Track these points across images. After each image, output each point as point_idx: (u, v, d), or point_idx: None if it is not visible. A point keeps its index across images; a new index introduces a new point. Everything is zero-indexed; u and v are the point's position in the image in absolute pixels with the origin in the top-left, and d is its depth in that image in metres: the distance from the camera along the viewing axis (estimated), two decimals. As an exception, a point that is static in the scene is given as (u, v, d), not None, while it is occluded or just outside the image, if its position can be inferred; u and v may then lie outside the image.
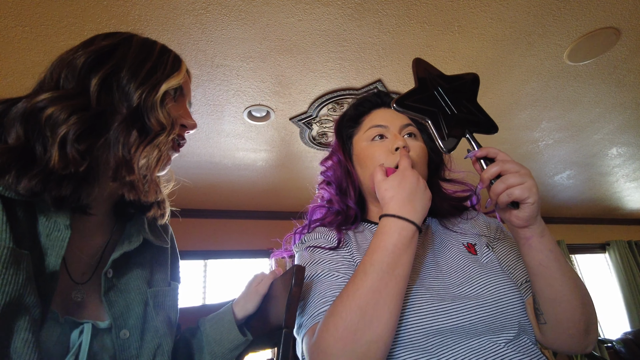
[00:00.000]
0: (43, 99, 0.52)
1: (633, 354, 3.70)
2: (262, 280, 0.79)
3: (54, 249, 0.51)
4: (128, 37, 0.63)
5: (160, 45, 0.65)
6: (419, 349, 0.58)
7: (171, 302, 0.69)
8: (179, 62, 0.65)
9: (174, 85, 0.62)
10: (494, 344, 0.60)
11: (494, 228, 0.82)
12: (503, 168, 0.58)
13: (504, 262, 0.74)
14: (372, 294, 0.55)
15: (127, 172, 0.56)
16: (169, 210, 0.71)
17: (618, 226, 5.34)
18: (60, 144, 0.50)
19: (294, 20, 1.58)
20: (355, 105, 0.88)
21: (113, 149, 0.55)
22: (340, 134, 0.87)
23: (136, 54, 0.60)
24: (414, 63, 0.69)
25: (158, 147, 0.58)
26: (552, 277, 0.61)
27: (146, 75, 0.59)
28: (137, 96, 0.57)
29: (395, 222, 0.60)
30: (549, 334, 0.66)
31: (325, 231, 0.78)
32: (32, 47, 1.56)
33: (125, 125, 0.56)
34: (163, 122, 0.59)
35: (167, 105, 0.61)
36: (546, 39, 1.81)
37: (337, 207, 0.81)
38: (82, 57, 0.56)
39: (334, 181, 0.83)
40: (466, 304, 0.61)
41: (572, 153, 3.11)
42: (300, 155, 2.79)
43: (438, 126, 0.64)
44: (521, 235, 0.61)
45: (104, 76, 0.56)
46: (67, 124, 0.51)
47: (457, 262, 0.71)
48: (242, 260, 3.67)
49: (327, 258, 0.71)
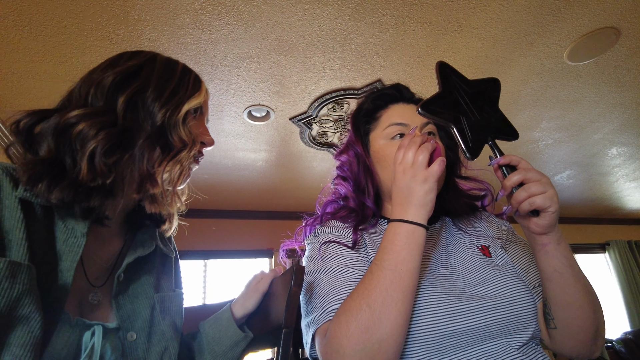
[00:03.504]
0: (74, 115, 0.55)
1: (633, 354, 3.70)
2: (262, 279, 0.79)
3: (69, 255, 0.54)
4: (152, 57, 0.66)
5: (182, 66, 0.69)
6: (434, 349, 0.58)
7: (177, 307, 0.71)
8: (199, 82, 0.69)
9: (195, 105, 0.66)
10: (506, 346, 0.60)
11: (505, 230, 0.82)
12: (525, 177, 0.59)
13: (517, 265, 0.74)
14: (379, 292, 0.55)
15: (151, 185, 0.60)
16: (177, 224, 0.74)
17: (618, 226, 5.34)
18: (89, 157, 0.54)
19: (294, 20, 1.58)
20: (373, 98, 0.84)
21: (138, 163, 0.59)
22: (357, 127, 0.83)
23: (160, 74, 0.64)
24: (437, 67, 0.68)
25: (180, 163, 0.62)
26: (566, 283, 0.61)
27: (169, 95, 0.63)
28: (161, 115, 0.61)
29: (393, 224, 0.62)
30: (558, 339, 0.66)
31: (340, 226, 0.76)
32: (32, 47, 1.56)
33: (150, 142, 0.59)
34: (185, 140, 0.62)
35: (189, 123, 0.65)
36: (546, 39, 1.81)
37: (353, 204, 0.78)
38: (110, 77, 0.60)
39: (351, 177, 0.80)
40: (482, 306, 0.61)
41: (572, 153, 3.11)
42: (300, 155, 2.79)
43: (462, 132, 0.63)
44: (538, 241, 0.62)
45: (130, 95, 0.60)
46: (96, 139, 0.54)
47: (472, 263, 0.70)
48: (241, 260, 3.67)
49: (342, 253, 0.70)
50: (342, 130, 2.46)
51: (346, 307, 0.57)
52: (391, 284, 0.56)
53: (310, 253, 0.75)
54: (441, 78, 0.67)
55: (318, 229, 0.78)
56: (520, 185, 0.59)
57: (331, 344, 0.55)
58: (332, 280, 0.66)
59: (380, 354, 0.52)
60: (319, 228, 0.78)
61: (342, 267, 0.67)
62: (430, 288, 0.63)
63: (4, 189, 0.50)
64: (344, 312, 0.56)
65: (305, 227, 0.83)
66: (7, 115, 0.57)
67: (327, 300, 0.63)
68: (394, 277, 0.56)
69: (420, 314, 0.59)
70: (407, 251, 0.59)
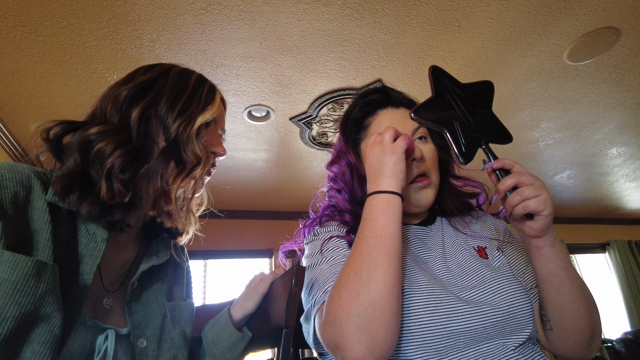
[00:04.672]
0: (93, 132, 0.57)
1: (633, 354, 3.70)
2: (262, 280, 0.79)
3: (90, 259, 0.55)
4: (167, 69, 0.67)
5: (196, 77, 0.68)
6: (432, 349, 0.58)
7: (187, 316, 0.71)
8: (213, 93, 0.69)
9: (209, 119, 0.65)
10: (503, 347, 0.60)
11: (502, 230, 0.82)
12: (519, 180, 0.59)
13: (513, 267, 0.74)
14: (364, 258, 0.57)
15: (165, 202, 0.61)
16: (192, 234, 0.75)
17: (618, 226, 5.34)
18: (107, 176, 0.55)
19: (294, 20, 1.58)
20: (360, 105, 0.82)
21: (152, 180, 0.59)
22: (346, 137, 0.81)
23: (173, 87, 0.64)
24: (430, 71, 0.67)
25: (194, 178, 0.62)
26: (561, 285, 0.62)
27: (182, 108, 0.62)
28: (174, 128, 0.61)
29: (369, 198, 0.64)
30: (555, 340, 0.66)
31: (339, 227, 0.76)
32: (32, 47, 1.56)
33: (163, 158, 0.60)
34: (199, 155, 0.62)
35: (203, 137, 0.64)
36: (546, 39, 1.81)
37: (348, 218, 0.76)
38: (125, 92, 0.61)
39: (345, 188, 0.79)
40: (479, 307, 0.61)
41: (572, 153, 3.11)
42: (300, 155, 2.79)
43: (455, 137, 0.63)
44: (533, 244, 0.63)
45: (143, 108, 0.60)
46: (112, 157, 0.56)
47: (468, 265, 0.70)
48: (241, 260, 3.67)
49: (343, 246, 0.70)
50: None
51: (337, 281, 0.58)
52: (374, 248, 0.57)
53: (310, 251, 0.74)
54: (434, 82, 0.67)
55: (317, 229, 0.78)
56: (514, 189, 0.59)
57: (328, 318, 0.55)
58: (333, 267, 0.66)
59: (375, 317, 0.52)
60: (317, 228, 0.78)
61: (342, 257, 0.67)
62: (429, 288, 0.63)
63: (34, 191, 0.52)
64: (335, 286, 0.57)
65: (304, 228, 0.82)
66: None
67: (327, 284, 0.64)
68: (375, 242, 0.57)
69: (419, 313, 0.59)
70: (385, 217, 0.60)
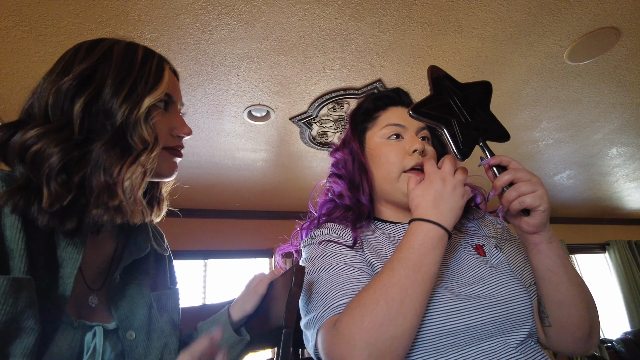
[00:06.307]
0: (31, 135, 0.51)
1: (633, 354, 3.70)
2: (261, 281, 0.79)
3: (70, 261, 0.54)
4: (109, 49, 0.60)
5: (141, 53, 0.62)
6: (431, 348, 0.58)
7: (173, 303, 0.71)
8: (161, 70, 0.62)
9: (159, 98, 0.60)
10: (504, 345, 0.60)
11: (500, 228, 0.82)
12: (515, 176, 0.60)
13: (512, 264, 0.74)
14: (399, 290, 0.55)
15: (109, 197, 0.54)
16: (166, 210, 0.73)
17: (618, 226, 5.34)
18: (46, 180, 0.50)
19: (294, 20, 1.58)
20: (374, 98, 0.86)
21: (95, 174, 0.53)
22: (354, 125, 0.84)
23: (118, 70, 0.58)
24: (429, 70, 0.69)
25: (142, 165, 0.56)
26: (558, 281, 0.62)
27: (128, 92, 0.57)
28: (120, 114, 0.55)
29: (421, 224, 0.60)
30: (553, 337, 0.67)
31: (337, 227, 0.76)
32: (32, 47, 1.56)
33: (106, 148, 0.54)
34: (147, 139, 0.56)
35: (154, 119, 0.59)
36: (546, 39, 1.81)
37: (348, 202, 0.78)
38: (65, 85, 0.55)
39: (346, 175, 0.81)
40: (478, 304, 0.61)
41: (572, 153, 3.11)
42: (300, 155, 2.79)
43: (453, 134, 0.64)
44: (530, 240, 0.63)
45: (86, 101, 0.55)
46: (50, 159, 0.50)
47: (466, 262, 0.70)
48: (241, 260, 3.67)
49: (342, 252, 0.70)
50: (342, 130, 2.46)
51: (361, 301, 0.56)
52: (412, 285, 0.55)
53: (308, 254, 0.74)
54: (432, 81, 0.68)
55: (314, 231, 0.78)
56: (511, 185, 0.60)
57: (342, 334, 0.54)
58: (334, 278, 0.65)
59: (390, 352, 0.52)
60: (315, 230, 0.78)
61: (342, 265, 0.67)
62: None
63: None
64: (359, 305, 0.56)
65: (301, 230, 0.82)
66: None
67: (331, 297, 0.63)
68: (417, 278, 0.56)
69: None
70: (433, 255, 0.58)
